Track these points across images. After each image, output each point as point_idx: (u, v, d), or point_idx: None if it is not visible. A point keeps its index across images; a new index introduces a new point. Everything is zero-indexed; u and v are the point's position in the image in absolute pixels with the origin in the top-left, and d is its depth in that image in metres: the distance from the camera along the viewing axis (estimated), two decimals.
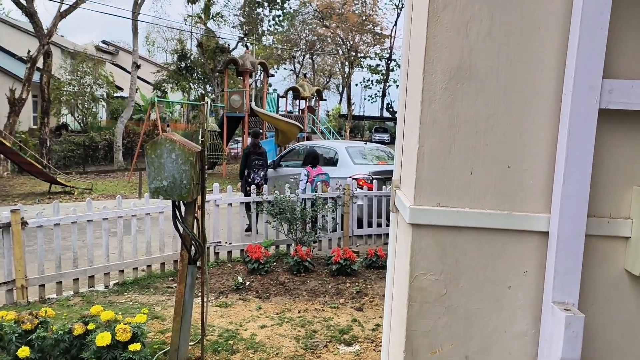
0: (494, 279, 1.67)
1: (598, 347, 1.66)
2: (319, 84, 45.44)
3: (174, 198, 3.77)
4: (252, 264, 6.75)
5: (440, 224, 1.64)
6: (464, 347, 1.69)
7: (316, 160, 9.00)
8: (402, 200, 1.82)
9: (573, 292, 1.57)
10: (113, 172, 22.00)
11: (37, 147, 19.58)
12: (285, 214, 7.57)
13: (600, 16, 1.43)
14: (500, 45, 1.55)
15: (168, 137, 3.72)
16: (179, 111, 36.59)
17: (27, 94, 18.38)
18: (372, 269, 7.10)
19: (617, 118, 1.55)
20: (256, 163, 9.58)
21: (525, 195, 1.63)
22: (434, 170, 1.63)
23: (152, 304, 5.60)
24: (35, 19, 18.62)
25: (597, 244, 1.63)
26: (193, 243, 3.95)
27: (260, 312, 5.40)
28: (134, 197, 14.23)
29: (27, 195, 14.67)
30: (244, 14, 31.65)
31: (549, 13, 1.53)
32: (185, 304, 3.95)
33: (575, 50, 1.47)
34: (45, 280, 5.79)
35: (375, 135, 44.35)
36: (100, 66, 30.35)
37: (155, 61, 39.44)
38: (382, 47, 44.88)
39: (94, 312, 3.90)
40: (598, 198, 1.61)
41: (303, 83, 26.68)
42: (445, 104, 1.59)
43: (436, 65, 1.58)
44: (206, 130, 4.09)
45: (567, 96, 1.52)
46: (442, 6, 1.55)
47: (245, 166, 9.64)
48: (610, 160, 1.60)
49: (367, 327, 5.01)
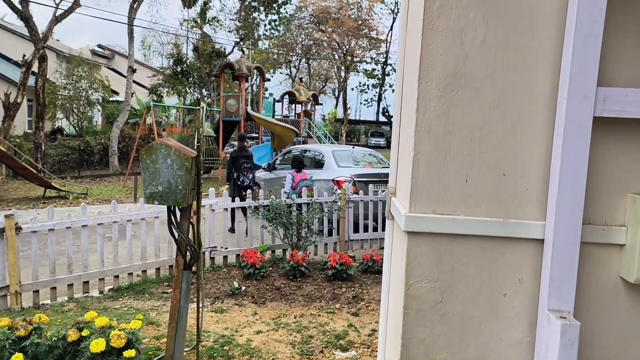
0: (489, 286, 1.67)
1: (594, 354, 1.66)
2: (315, 88, 45.49)
3: (169, 203, 3.76)
4: (248, 269, 6.73)
5: (435, 231, 1.64)
6: (460, 355, 1.69)
7: (301, 165, 9.22)
8: (397, 207, 1.82)
9: (568, 299, 1.57)
10: (108, 176, 21.92)
11: (32, 152, 19.50)
12: (281, 218, 7.56)
13: (594, 25, 1.44)
14: (495, 52, 1.56)
15: (163, 142, 3.71)
16: (175, 115, 36.56)
17: (22, 98, 18.32)
18: (368, 274, 7.09)
19: (612, 126, 1.55)
20: (245, 166, 9.80)
21: (521, 202, 1.63)
22: (429, 178, 1.63)
23: (147, 310, 5.57)
24: (30, 23, 18.58)
25: (592, 252, 1.63)
26: (188, 248, 3.93)
27: (256, 317, 5.38)
28: (130, 202, 14.19)
29: (22, 199, 14.60)
30: (240, 18, 31.68)
31: (543, 21, 1.54)
32: (180, 309, 3.93)
33: (569, 58, 1.47)
34: (39, 285, 5.76)
35: (372, 139, 44.47)
36: (96, 70, 30.30)
37: (151, 65, 39.42)
38: (377, 51, 45.01)
39: (89, 318, 3.88)
40: (593, 205, 1.61)
41: (299, 87, 26.70)
42: (441, 111, 1.60)
43: (431, 73, 1.58)
44: (202, 136, 4.09)
45: (561, 104, 1.52)
46: (437, 14, 1.55)
47: (233, 169, 9.83)
48: (605, 167, 1.60)
49: (363, 333, 5.00)
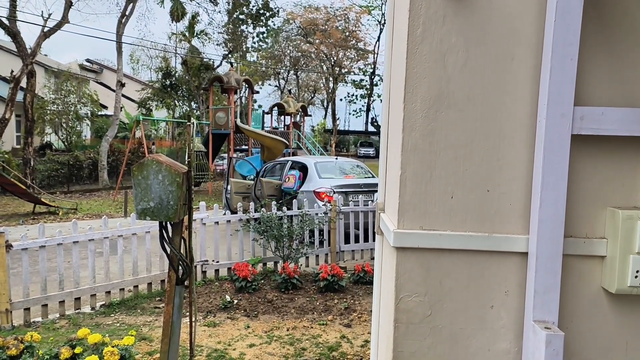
0: (477, 299, 1.72)
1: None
2: (304, 99, 45.69)
3: (161, 219, 3.77)
4: (239, 282, 6.74)
5: (423, 246, 1.70)
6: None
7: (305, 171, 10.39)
8: (386, 223, 1.87)
9: (553, 310, 1.63)
10: (98, 190, 21.81)
11: (20, 167, 19.36)
12: (272, 231, 7.59)
13: (570, 47, 1.51)
14: (477, 75, 1.62)
15: (155, 158, 3.74)
16: (164, 128, 36.50)
17: (11, 114, 18.23)
18: (360, 285, 7.13)
19: (590, 143, 1.62)
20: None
21: (504, 217, 1.69)
22: (416, 195, 1.69)
23: (139, 325, 5.56)
24: (18, 38, 18.55)
25: (575, 263, 1.69)
26: (180, 263, 3.95)
27: (249, 330, 5.39)
28: (120, 217, 14.13)
29: (11, 216, 14.49)
30: (228, 31, 31.82)
31: (521, 45, 1.61)
32: (173, 325, 3.94)
33: (547, 80, 1.54)
34: (30, 303, 5.73)
35: (361, 149, 44.65)
36: (85, 85, 30.23)
37: (140, 79, 39.38)
38: (365, 62, 45.38)
39: (81, 335, 3.88)
40: (574, 219, 1.67)
41: (288, 99, 26.82)
42: (426, 131, 1.66)
43: (416, 95, 1.64)
44: (192, 151, 4.12)
45: (541, 123, 1.59)
46: (420, 39, 1.62)
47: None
48: (585, 182, 1.67)
49: (355, 344, 5.02)
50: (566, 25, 1.50)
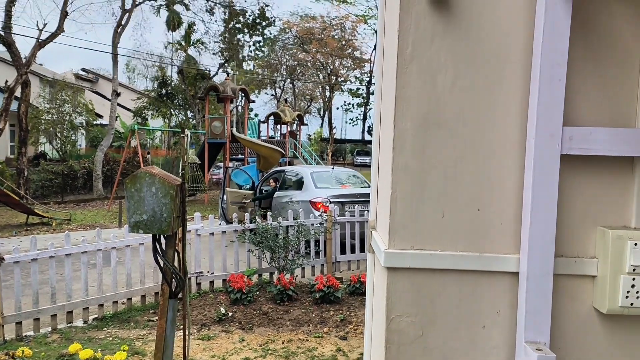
0: (468, 319, 1.70)
1: None
2: (300, 108, 45.75)
3: (154, 232, 3.75)
4: (234, 294, 6.71)
5: (414, 266, 1.68)
6: None
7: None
8: (377, 243, 1.86)
9: (544, 331, 1.62)
10: (92, 200, 21.72)
11: (14, 177, 19.29)
12: (267, 242, 7.56)
13: (558, 68, 1.51)
14: (466, 94, 1.62)
15: (148, 170, 3.72)
16: (160, 138, 36.47)
17: (5, 124, 18.18)
18: (356, 296, 7.10)
19: (579, 163, 1.62)
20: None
21: (495, 237, 1.68)
22: (407, 215, 1.68)
23: (132, 339, 5.51)
24: (13, 48, 18.54)
25: (566, 283, 1.68)
26: (174, 277, 3.92)
27: (244, 344, 5.35)
28: (114, 227, 14.07)
29: (4, 227, 14.41)
30: (225, 40, 31.90)
31: (510, 65, 1.61)
32: (166, 339, 3.90)
33: (535, 100, 1.54)
34: (22, 317, 5.69)
35: (358, 158, 44.70)
36: (80, 94, 30.20)
37: (136, 88, 39.39)
38: (362, 70, 45.53)
39: (73, 350, 3.85)
40: (565, 238, 1.66)
41: (284, 108, 26.86)
42: (416, 150, 1.65)
43: (406, 114, 1.64)
44: (186, 163, 4.11)
45: (530, 143, 1.58)
46: (409, 58, 1.62)
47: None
48: (575, 202, 1.66)
49: (351, 357, 5.00)
50: (554, 46, 1.50)
